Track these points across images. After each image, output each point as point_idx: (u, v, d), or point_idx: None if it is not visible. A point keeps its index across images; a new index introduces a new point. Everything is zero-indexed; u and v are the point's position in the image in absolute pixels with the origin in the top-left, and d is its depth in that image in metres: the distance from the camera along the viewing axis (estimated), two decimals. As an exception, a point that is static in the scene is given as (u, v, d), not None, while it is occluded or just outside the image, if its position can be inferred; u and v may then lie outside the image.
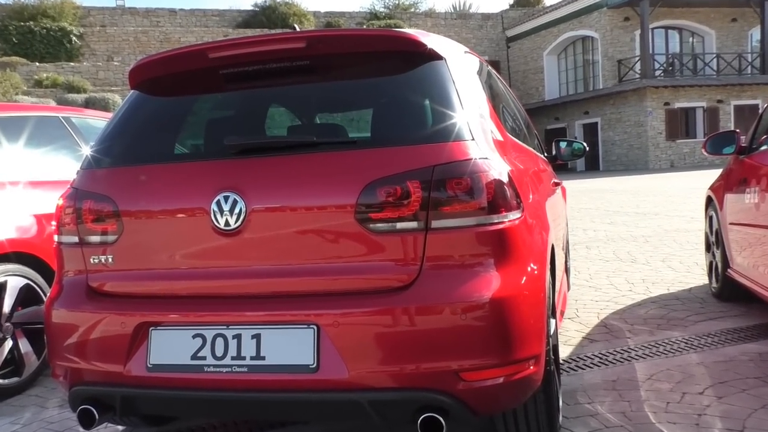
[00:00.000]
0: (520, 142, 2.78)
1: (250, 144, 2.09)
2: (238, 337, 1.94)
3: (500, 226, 1.93)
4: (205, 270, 2.03)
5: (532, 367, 1.97)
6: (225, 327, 1.96)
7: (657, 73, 30.34)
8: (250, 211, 1.97)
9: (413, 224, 1.90)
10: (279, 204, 1.97)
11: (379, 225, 1.91)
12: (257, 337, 1.93)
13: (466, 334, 1.84)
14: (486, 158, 1.99)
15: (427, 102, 2.10)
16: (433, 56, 2.17)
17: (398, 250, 1.91)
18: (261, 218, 1.98)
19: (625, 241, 7.41)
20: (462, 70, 2.26)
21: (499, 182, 1.97)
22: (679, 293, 4.71)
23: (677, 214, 9.86)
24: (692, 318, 4.02)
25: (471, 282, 1.88)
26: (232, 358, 1.93)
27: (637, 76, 29.84)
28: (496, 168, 1.99)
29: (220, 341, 1.95)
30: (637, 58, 29.98)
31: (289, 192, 1.97)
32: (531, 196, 2.29)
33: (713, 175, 19.57)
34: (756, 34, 31.89)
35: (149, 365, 2.00)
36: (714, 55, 30.87)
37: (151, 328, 2.02)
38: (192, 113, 2.46)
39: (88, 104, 21.73)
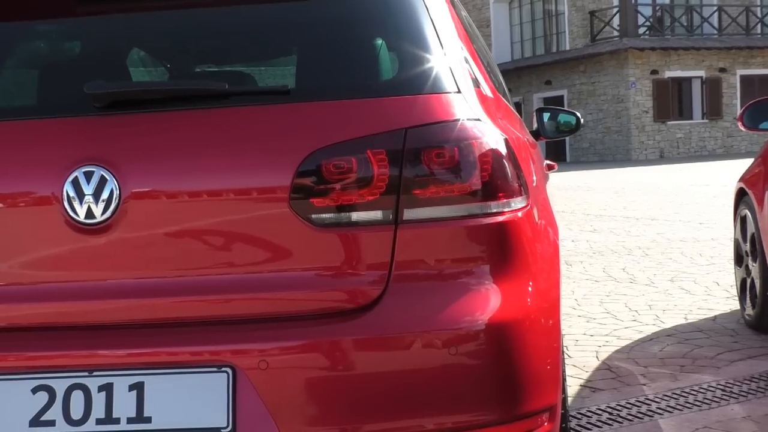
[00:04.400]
0: (507, 103, 2.78)
1: (129, 92, 2.00)
2: (107, 388, 1.84)
3: (500, 219, 1.92)
4: (52, 286, 1.94)
5: (546, 424, 1.95)
6: (86, 374, 1.86)
7: (641, 30, 31.64)
8: (126, 196, 1.89)
9: (376, 215, 1.88)
10: (171, 185, 1.90)
11: (324, 216, 1.87)
12: (138, 388, 1.84)
13: (454, 377, 1.82)
14: (478, 119, 1.98)
15: (392, 36, 2.12)
16: (396, -30, 2.16)
17: (354, 254, 1.88)
18: (143, 206, 1.90)
19: (616, 255, 7.62)
20: (435, -7, 2.22)
21: (497, 155, 1.95)
22: (700, 323, 4.85)
23: (680, 219, 10.26)
24: (725, 356, 4.12)
25: (460, 300, 1.86)
26: (99, 422, 1.83)
27: (616, 33, 31.02)
28: (492, 134, 1.98)
29: (77, 396, 1.85)
30: (616, 10, 31.17)
31: (188, 166, 1.90)
32: (534, 179, 2.32)
33: (717, 168, 20.57)
34: (768, -19, 33.79)
35: (-42, 437, 1.88)
36: (715, 8, 32.55)
37: (-38, 379, 1.90)
38: (21, 48, 2.37)
39: None
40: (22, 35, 2.33)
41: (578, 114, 4.32)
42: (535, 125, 4.30)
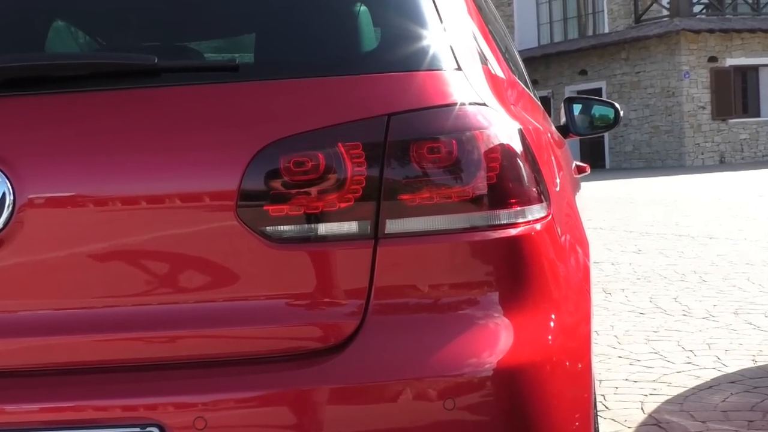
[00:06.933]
0: (526, 89, 2.75)
1: (25, 67, 1.96)
2: (-8, 456, 1.82)
3: (512, 232, 1.89)
4: None
5: (573, 502, 1.94)
6: (-34, 437, 1.83)
7: (697, 8, 31.75)
8: (22, 203, 1.85)
9: (350, 227, 1.85)
10: (83, 188, 1.86)
11: (283, 229, 1.84)
12: (35, 456, 1.80)
13: (453, 440, 1.84)
14: (484, 104, 1.95)
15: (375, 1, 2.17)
16: None
17: (321, 278, 1.85)
18: (46, 216, 1.87)
19: (666, 281, 7.58)
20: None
21: (509, 150, 1.91)
22: (772, 367, 4.79)
23: (745, 238, 10.24)
24: (803, 409, 4.06)
25: (460, 337, 1.83)
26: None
27: (666, 13, 31.12)
28: (502, 124, 1.95)
29: (-47, 468, 1.82)
30: (665, -16, 31.27)
31: (106, 163, 1.86)
32: (558, 182, 2.30)
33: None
34: None
35: None
36: (786, -18, 32.60)
37: None
38: None
39: None
40: None
41: (617, 105, 4.28)
42: (563, 119, 4.26)
